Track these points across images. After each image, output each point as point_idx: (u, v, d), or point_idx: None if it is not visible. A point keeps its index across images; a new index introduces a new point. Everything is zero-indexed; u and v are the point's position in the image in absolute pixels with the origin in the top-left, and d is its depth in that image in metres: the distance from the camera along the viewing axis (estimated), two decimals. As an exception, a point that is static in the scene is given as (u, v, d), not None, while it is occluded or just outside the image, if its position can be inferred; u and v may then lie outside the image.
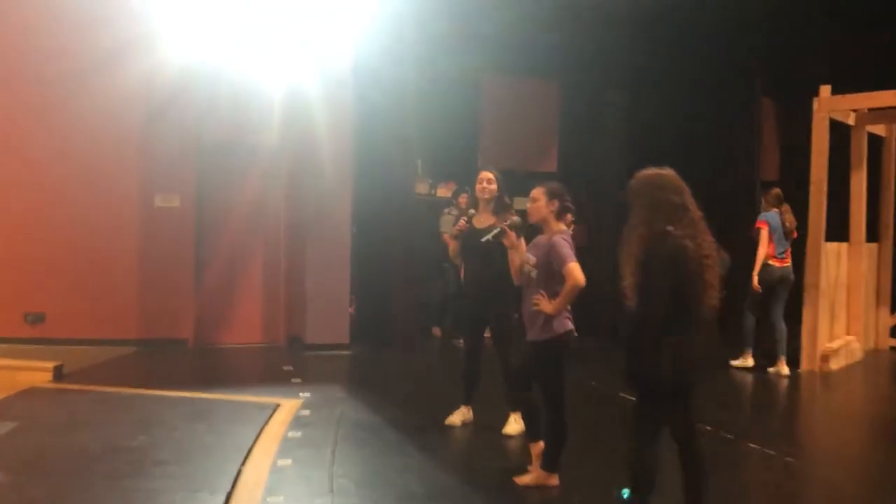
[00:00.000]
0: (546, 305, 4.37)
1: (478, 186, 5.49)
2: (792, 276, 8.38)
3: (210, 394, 6.73)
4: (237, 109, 8.99)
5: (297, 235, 9.31)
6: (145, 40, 8.44)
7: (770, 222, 8.33)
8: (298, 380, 7.36)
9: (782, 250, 8.34)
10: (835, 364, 8.71)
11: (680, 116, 10.83)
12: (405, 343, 9.42)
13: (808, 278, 8.58)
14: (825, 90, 8.55)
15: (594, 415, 6.31)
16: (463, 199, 10.19)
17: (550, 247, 4.40)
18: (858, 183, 9.58)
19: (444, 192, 10.85)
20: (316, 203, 9.02)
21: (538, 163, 12.02)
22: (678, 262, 3.46)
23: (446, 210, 10.12)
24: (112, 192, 8.91)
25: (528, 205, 4.58)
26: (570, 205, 4.57)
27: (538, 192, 4.56)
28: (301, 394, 6.69)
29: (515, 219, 4.80)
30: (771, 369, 8.28)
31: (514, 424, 5.46)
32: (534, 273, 4.47)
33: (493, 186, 5.42)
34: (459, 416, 5.72)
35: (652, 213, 3.53)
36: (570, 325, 4.46)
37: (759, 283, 8.23)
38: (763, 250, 8.22)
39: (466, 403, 5.71)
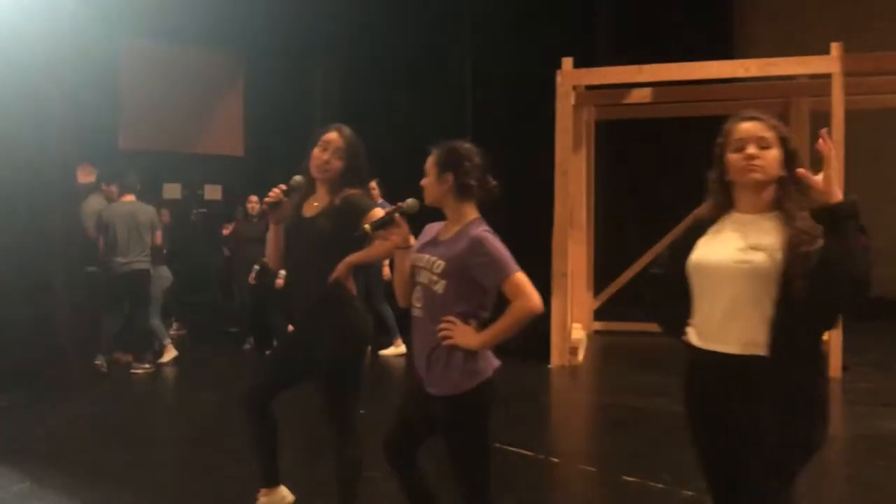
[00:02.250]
0: (467, 336, 2.78)
1: (315, 153, 3.50)
2: None
3: None
4: None
5: None
6: None
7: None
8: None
9: None
10: (581, 355, 8.21)
11: (392, 90, 9.62)
12: (72, 384, 6.93)
13: (557, 266, 7.93)
14: (567, 62, 7.91)
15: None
16: (112, 188, 7.93)
17: (473, 245, 2.80)
18: (578, 166, 9.20)
19: (85, 177, 8.37)
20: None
21: (217, 145, 10.14)
22: None
23: (89, 198, 7.78)
24: None
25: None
26: (471, 181, 2.94)
27: (429, 160, 2.97)
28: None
29: (411, 201, 3.02)
30: (386, 351, 8.29)
31: None
32: (439, 286, 2.84)
33: (336, 162, 3.46)
34: None
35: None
36: (496, 361, 2.92)
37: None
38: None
39: (269, 484, 3.77)
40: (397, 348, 8.47)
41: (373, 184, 8.59)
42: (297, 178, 3.52)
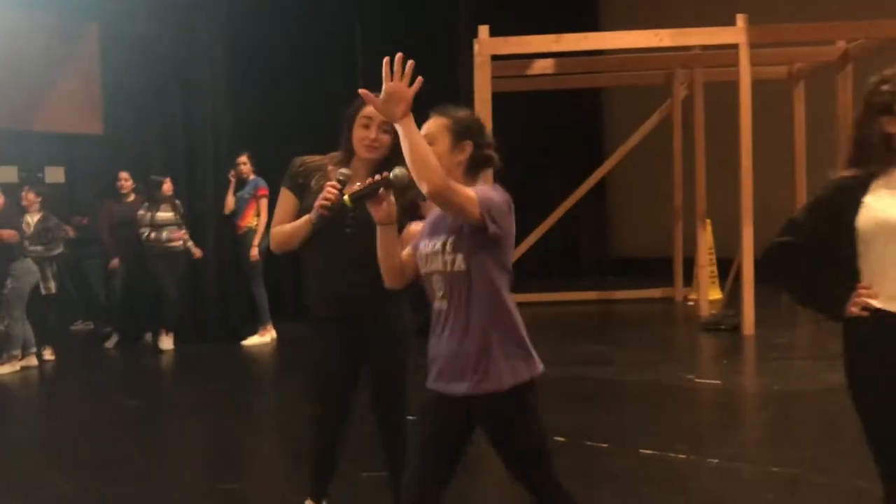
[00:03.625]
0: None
1: (358, 134, 3.03)
2: None
3: None
4: None
5: None
6: None
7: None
8: None
9: None
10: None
11: (275, 59, 9.02)
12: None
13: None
14: (484, 31, 7.68)
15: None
16: None
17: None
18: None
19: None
20: None
21: (62, 122, 9.10)
22: None
23: None
24: None
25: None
26: (491, 152, 2.57)
27: (437, 126, 2.51)
28: None
29: (399, 170, 2.52)
30: (250, 340, 7.93)
31: None
32: (459, 263, 2.44)
33: (384, 137, 3.00)
34: None
35: None
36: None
37: (259, 253, 7.83)
38: (265, 219, 7.57)
39: (318, 499, 3.30)
40: (262, 337, 7.99)
41: (243, 158, 7.98)
42: (345, 171, 2.98)
